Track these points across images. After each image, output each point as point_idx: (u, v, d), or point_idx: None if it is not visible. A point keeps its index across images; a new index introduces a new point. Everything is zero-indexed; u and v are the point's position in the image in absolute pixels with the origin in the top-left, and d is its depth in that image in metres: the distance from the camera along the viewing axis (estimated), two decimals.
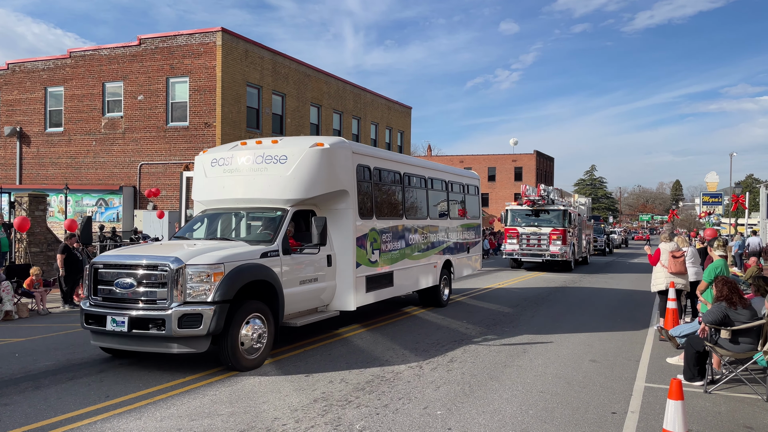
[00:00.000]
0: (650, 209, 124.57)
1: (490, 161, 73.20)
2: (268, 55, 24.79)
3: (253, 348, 7.75)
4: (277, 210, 9.04)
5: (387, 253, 10.88)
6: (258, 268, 7.87)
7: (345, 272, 9.59)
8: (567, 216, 23.84)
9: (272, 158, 9.17)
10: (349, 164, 9.71)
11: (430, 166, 13.86)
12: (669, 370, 8.01)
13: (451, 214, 14.32)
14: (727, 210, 47.10)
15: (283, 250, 8.38)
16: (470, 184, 16.09)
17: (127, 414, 5.94)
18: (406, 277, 11.73)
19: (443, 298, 13.51)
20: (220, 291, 7.28)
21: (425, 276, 12.62)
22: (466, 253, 15.15)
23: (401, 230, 11.55)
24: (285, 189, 9.01)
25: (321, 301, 9.44)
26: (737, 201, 38.86)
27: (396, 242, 11.28)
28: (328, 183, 9.31)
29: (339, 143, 9.59)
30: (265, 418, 5.90)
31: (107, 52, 24.29)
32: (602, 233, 37.86)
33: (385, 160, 11.39)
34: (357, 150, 10.20)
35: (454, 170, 15.71)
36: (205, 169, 9.80)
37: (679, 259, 10.52)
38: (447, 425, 5.77)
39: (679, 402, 4.40)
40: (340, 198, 9.59)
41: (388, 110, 35.17)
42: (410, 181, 12.35)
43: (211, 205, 9.83)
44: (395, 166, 11.81)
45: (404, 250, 11.62)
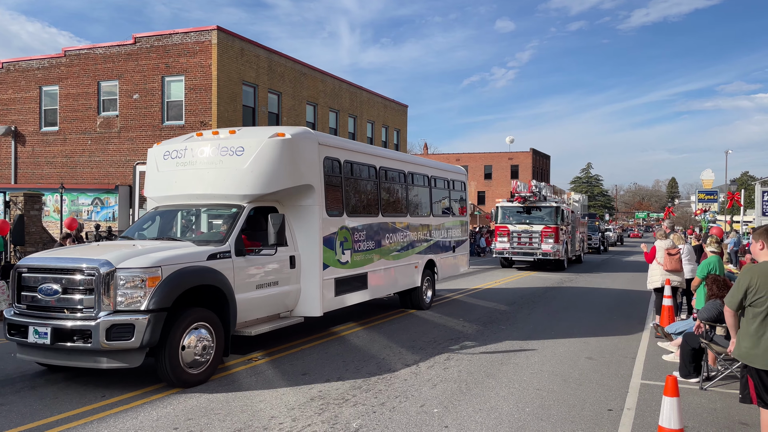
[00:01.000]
0: (646, 207, 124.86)
1: (487, 159, 73.27)
2: (263, 53, 24.74)
3: (198, 361, 6.89)
4: (232, 207, 8.32)
5: (360, 253, 10.15)
6: (203, 271, 7.08)
7: (310, 274, 8.84)
8: (559, 213, 23.14)
9: (228, 150, 8.39)
10: (315, 157, 8.94)
11: (410, 160, 13.13)
12: (665, 367, 8.04)
13: (435, 212, 13.60)
14: (723, 207, 47.25)
15: (236, 251, 7.62)
16: (456, 180, 15.25)
17: (123, 413, 5.93)
18: (383, 278, 11.03)
19: (426, 300, 12.83)
20: (156, 298, 6.48)
21: (405, 277, 11.92)
22: (452, 252, 14.41)
23: (377, 228, 10.81)
24: (241, 184, 8.26)
25: (284, 306, 8.73)
26: (733, 198, 38.97)
27: (371, 241, 10.52)
28: (290, 177, 8.53)
29: (302, 133, 8.86)
30: (261, 417, 5.89)
31: (102, 51, 24.21)
32: (597, 231, 37.40)
33: (357, 152, 10.58)
34: (324, 141, 9.40)
35: (438, 165, 14.94)
36: (158, 162, 9.03)
37: (675, 257, 10.56)
38: (444, 423, 5.78)
39: (674, 399, 4.41)
40: (305, 194, 8.85)
41: (384, 108, 35.15)
42: (387, 175, 11.55)
43: (163, 201, 9.04)
44: (369, 159, 10.99)
45: (381, 250, 10.88)
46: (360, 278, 10.16)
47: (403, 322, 11.33)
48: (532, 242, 22.91)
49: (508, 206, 23.87)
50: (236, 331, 7.73)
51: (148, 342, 6.41)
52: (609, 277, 21.36)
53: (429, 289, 13.07)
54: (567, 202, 26.77)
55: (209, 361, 7.05)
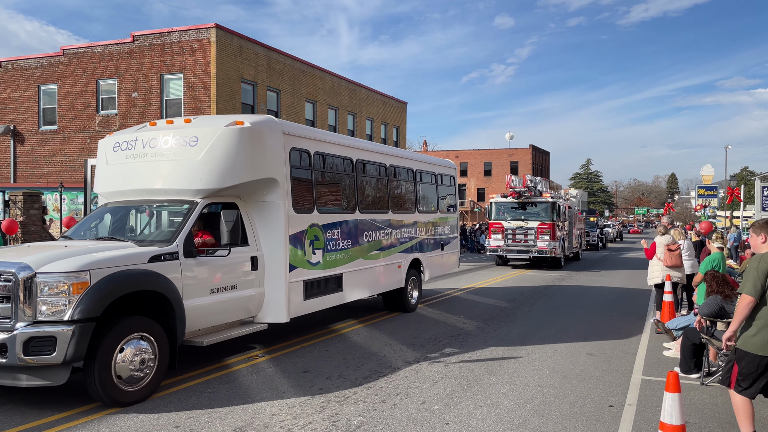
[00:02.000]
0: (646, 202, 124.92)
1: (486, 156, 73.24)
2: (262, 51, 24.70)
3: (135, 377, 6.13)
4: (184, 203, 7.53)
5: (334, 253, 9.39)
6: (143, 275, 6.34)
7: (275, 277, 8.10)
8: (556, 209, 22.26)
9: (181, 140, 7.65)
10: (279, 147, 8.20)
11: (392, 153, 12.35)
12: (666, 362, 8.04)
13: (420, 208, 12.81)
14: (723, 203, 47.25)
15: (184, 252, 6.89)
16: (444, 174, 14.42)
17: (124, 412, 5.92)
18: (362, 279, 10.28)
19: (411, 302, 12.10)
20: (83, 306, 5.72)
21: (387, 278, 11.17)
22: (440, 250, 13.61)
23: (354, 226, 10.06)
24: (194, 177, 7.52)
25: (246, 312, 7.98)
26: (732, 194, 38.94)
27: (346, 240, 9.77)
28: (250, 170, 7.77)
29: (264, 122, 8.13)
30: (262, 415, 5.89)
31: (101, 50, 24.16)
32: (595, 227, 36.69)
33: (330, 144, 9.75)
34: (290, 131, 8.59)
35: (425, 158, 14.13)
36: (107, 155, 8.28)
37: (675, 252, 10.55)
38: (445, 420, 5.78)
39: (676, 394, 4.41)
40: (269, 188, 8.09)
41: (383, 106, 35.11)
42: (365, 169, 10.76)
43: (112, 197, 8.28)
44: (345, 151, 10.16)
45: (358, 249, 10.13)
46: (334, 280, 9.42)
47: (404, 319, 11.33)
48: (527, 239, 22.13)
49: (502, 202, 23.08)
50: (186, 341, 7.06)
51: (73, 356, 5.64)
52: (607, 274, 20.85)
53: (415, 289, 12.39)
54: (564, 198, 26.03)
55: (150, 377, 6.29)
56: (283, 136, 8.33)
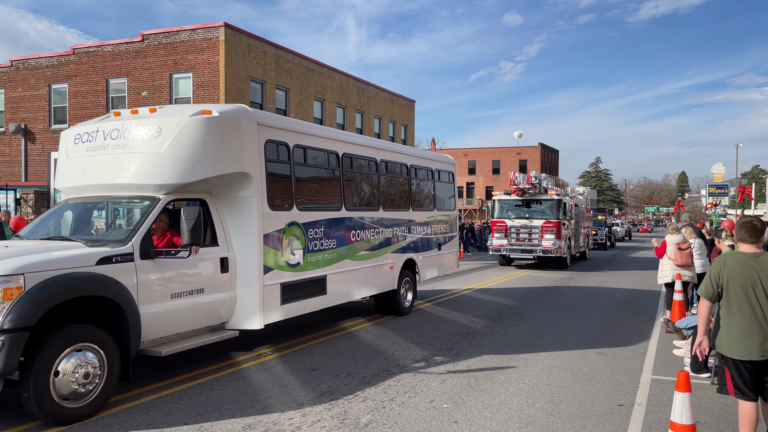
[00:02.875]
0: (656, 201, 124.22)
1: (495, 154, 73.09)
2: (271, 49, 24.75)
3: (78, 392, 5.55)
4: (144, 199, 6.96)
5: (316, 253, 8.80)
6: (89, 279, 5.77)
7: (248, 279, 7.52)
8: (561, 206, 21.33)
9: (144, 131, 7.05)
10: (252, 139, 7.60)
11: (384, 147, 11.65)
12: (676, 362, 7.99)
13: (415, 205, 12.17)
14: (734, 201, 46.88)
15: (141, 252, 6.31)
16: (442, 170, 13.67)
17: (134, 409, 5.96)
18: (349, 281, 9.70)
19: (405, 304, 11.49)
20: (14, 314, 5.16)
21: (378, 279, 10.59)
22: (437, 250, 12.93)
23: (340, 224, 9.48)
24: (157, 171, 6.92)
25: (217, 318, 7.40)
26: (743, 192, 38.64)
27: (331, 239, 9.18)
28: (218, 163, 7.18)
29: (235, 111, 7.51)
30: (271, 412, 5.91)
31: (111, 49, 24.30)
32: (603, 225, 35.66)
33: (311, 136, 9.08)
34: (266, 122, 7.98)
35: (420, 153, 13.47)
36: (68, 147, 7.69)
37: (686, 251, 10.48)
38: (453, 418, 5.77)
39: (686, 394, 4.38)
40: (241, 184, 7.51)
41: (391, 104, 35.09)
42: (353, 163, 10.14)
43: (72, 193, 7.71)
44: (329, 144, 9.48)
45: (345, 249, 9.55)
46: (316, 282, 8.83)
47: (412, 317, 11.33)
48: (531, 238, 21.22)
49: (505, 199, 22.11)
50: (143, 351, 6.48)
51: (2, 370, 5.10)
52: (615, 275, 20.05)
53: (409, 291, 11.77)
54: (570, 195, 25.06)
55: (96, 391, 5.72)
56: (257, 127, 7.73)
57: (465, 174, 73.66)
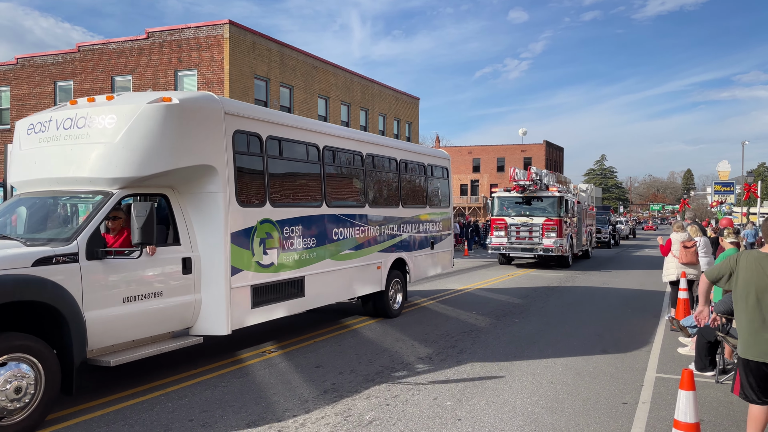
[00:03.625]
0: (661, 199, 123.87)
1: (499, 152, 72.96)
2: (275, 47, 24.77)
3: (9, 408, 5.03)
4: (96, 194, 6.38)
5: (293, 253, 8.24)
6: (22, 282, 5.21)
7: (213, 281, 6.96)
8: (563, 203, 20.67)
9: (98, 120, 6.49)
10: (218, 130, 7.04)
11: (370, 140, 10.97)
12: (680, 360, 7.98)
13: (406, 202, 11.58)
14: (739, 199, 46.67)
15: (88, 252, 5.75)
16: (436, 165, 13.07)
17: (139, 405, 6.00)
18: (330, 283, 9.14)
19: (393, 306, 11.01)
20: None
21: (363, 280, 10.08)
22: (429, 249, 12.39)
23: (320, 222, 8.93)
24: (110, 163, 6.36)
25: (180, 322, 6.81)
26: (749, 190, 38.49)
27: (311, 238, 8.64)
28: (178, 155, 6.59)
29: (197, 98, 6.96)
30: (275, 409, 5.93)
31: (116, 46, 24.37)
32: (607, 223, 34.99)
33: (287, 127, 8.47)
34: (234, 110, 7.40)
35: (412, 147, 12.88)
36: (21, 139, 7.18)
37: (691, 249, 10.45)
38: (457, 416, 5.78)
39: (690, 392, 4.37)
40: (205, 178, 6.96)
41: (396, 101, 35.07)
42: (336, 157, 9.58)
43: (24, 187, 7.17)
44: (308, 136, 8.91)
45: (326, 248, 9.00)
46: (293, 284, 8.27)
47: (416, 315, 11.34)
48: (532, 236, 20.56)
49: (505, 196, 21.42)
50: (91, 361, 5.94)
51: None
52: (618, 275, 19.27)
53: (398, 293, 11.28)
54: (573, 192, 24.41)
55: (31, 407, 5.18)
56: (224, 117, 7.16)
57: (469, 172, 73.56)
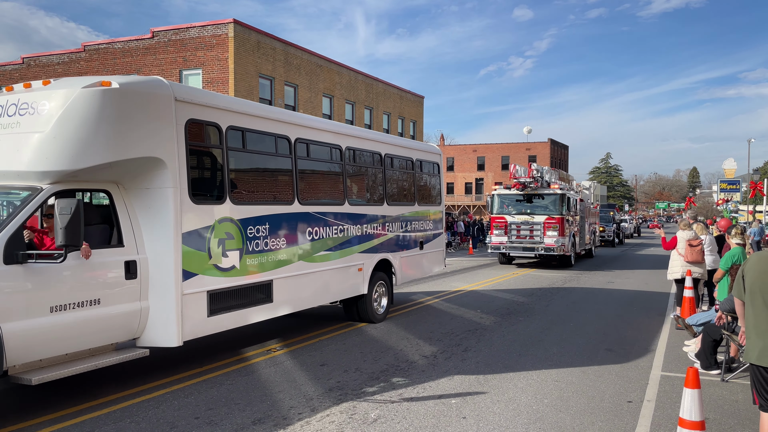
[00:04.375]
0: (667, 197, 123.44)
1: (504, 150, 72.84)
2: (280, 46, 24.80)
3: None
4: (23, 189, 5.83)
5: (259, 255, 7.55)
6: None
7: (162, 287, 6.28)
8: (565, 201, 20.02)
9: (29, 107, 5.87)
10: (167, 118, 6.33)
11: (350, 132, 10.14)
12: (685, 358, 7.97)
13: (391, 199, 10.88)
14: (745, 197, 46.47)
15: (5, 256, 5.17)
16: (425, 160, 12.37)
17: (145, 403, 6.03)
18: (303, 286, 8.45)
19: (378, 310, 10.39)
20: None
21: (342, 283, 9.40)
22: (418, 249, 11.72)
23: (291, 221, 8.24)
24: (41, 155, 5.72)
25: (125, 333, 6.13)
26: (755, 188, 38.32)
27: (280, 238, 7.95)
28: (118, 146, 5.89)
29: (142, 83, 6.23)
30: (281, 407, 5.96)
31: (121, 45, 24.44)
32: (611, 222, 34.21)
33: (253, 117, 7.70)
34: (187, 97, 6.64)
35: (399, 141, 12.05)
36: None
37: (696, 248, 10.42)
38: (462, 414, 5.80)
39: (695, 390, 4.37)
40: (153, 172, 6.28)
41: (400, 100, 35.07)
42: (310, 151, 8.84)
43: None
44: (277, 127, 8.14)
45: (298, 249, 8.31)
46: (259, 288, 7.59)
47: (421, 313, 11.35)
48: (533, 235, 19.95)
49: (505, 194, 20.74)
50: (12, 378, 5.35)
51: None
52: (621, 275, 18.47)
53: (383, 296, 10.62)
54: (575, 189, 23.76)
55: None
56: (175, 104, 6.45)
57: (474, 170, 73.51)
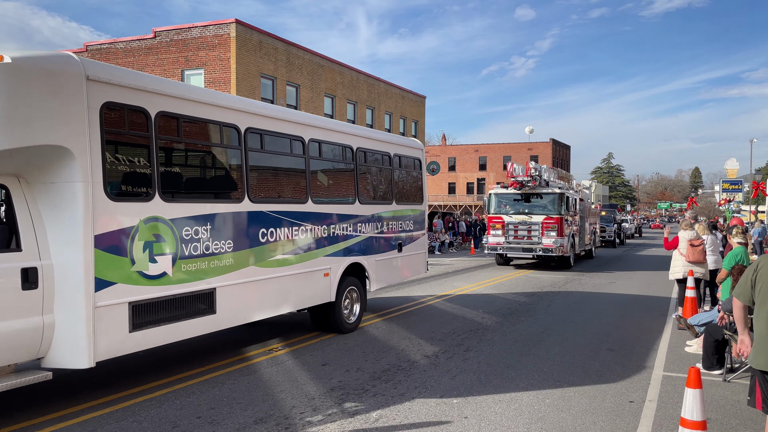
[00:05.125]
0: (669, 197, 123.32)
1: (506, 150, 72.80)
2: (281, 46, 24.82)
3: None
4: None
5: (198, 260, 6.57)
6: None
7: (70, 298, 5.41)
8: (564, 201, 19.57)
9: None
10: (77, 100, 5.43)
11: (314, 123, 9.05)
12: (687, 358, 7.96)
13: (364, 198, 9.99)
14: (747, 197, 46.39)
15: None
16: (405, 155, 11.44)
17: (147, 402, 6.04)
18: (254, 295, 7.51)
19: (349, 319, 9.53)
20: None
21: (304, 290, 8.49)
22: (396, 252, 10.84)
23: (239, 221, 7.26)
24: None
25: (26, 352, 5.26)
26: (758, 188, 38.22)
27: (225, 240, 6.97)
28: (12, 132, 5.09)
29: (42, 58, 5.33)
30: (282, 407, 5.97)
31: (123, 46, 24.47)
32: (612, 222, 33.91)
33: (190, 102, 6.64)
34: (103, 76, 5.71)
35: (374, 134, 11.01)
36: None
37: (698, 248, 10.41)
38: (463, 414, 5.80)
39: (697, 390, 4.37)
40: (59, 163, 5.41)
41: (402, 100, 35.07)
42: (264, 143, 7.89)
43: None
44: (223, 115, 7.10)
45: (248, 253, 7.36)
46: (199, 298, 6.61)
47: (423, 313, 11.36)
48: (531, 236, 19.50)
49: (503, 193, 20.29)
50: None
51: None
52: (621, 277, 17.98)
53: (355, 303, 9.78)
54: (575, 189, 23.38)
55: None
56: (86, 84, 5.52)
57: (476, 170, 73.50)
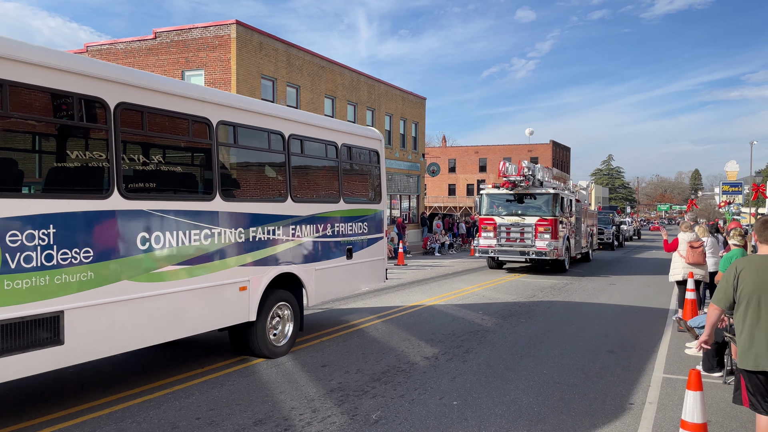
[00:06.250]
0: (669, 199, 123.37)
1: (506, 151, 72.82)
2: (282, 47, 24.82)
3: None
4: None
5: (35, 274, 5.01)
6: None
7: None
8: (559, 201, 18.76)
9: None
10: None
11: (227, 102, 7.29)
12: (688, 360, 7.95)
13: (299, 195, 8.38)
14: (747, 199, 46.40)
15: None
16: (356, 146, 9.81)
17: (146, 403, 6.03)
18: (129, 318, 5.87)
19: (275, 342, 7.96)
20: None
21: (211, 308, 6.89)
22: (344, 259, 9.27)
23: (105, 222, 5.66)
24: None
25: None
26: (758, 190, 38.19)
27: (80, 248, 5.39)
28: None
29: None
30: (282, 408, 5.95)
31: (123, 46, 24.47)
32: (610, 224, 33.21)
33: (30, 65, 5.06)
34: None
35: (315, 119, 9.11)
36: None
37: (698, 250, 10.41)
38: (463, 415, 5.79)
39: (698, 393, 4.36)
40: None
41: (402, 101, 35.07)
42: (148, 124, 6.24)
43: None
44: (80, 84, 5.49)
45: (120, 263, 5.77)
46: (35, 325, 5.03)
47: (423, 315, 11.34)
48: (524, 238, 18.68)
49: (494, 194, 19.43)
50: None
51: None
52: (618, 281, 17.05)
53: (287, 322, 8.20)
54: (571, 189, 22.66)
55: None
56: None
57: (476, 171, 73.55)
